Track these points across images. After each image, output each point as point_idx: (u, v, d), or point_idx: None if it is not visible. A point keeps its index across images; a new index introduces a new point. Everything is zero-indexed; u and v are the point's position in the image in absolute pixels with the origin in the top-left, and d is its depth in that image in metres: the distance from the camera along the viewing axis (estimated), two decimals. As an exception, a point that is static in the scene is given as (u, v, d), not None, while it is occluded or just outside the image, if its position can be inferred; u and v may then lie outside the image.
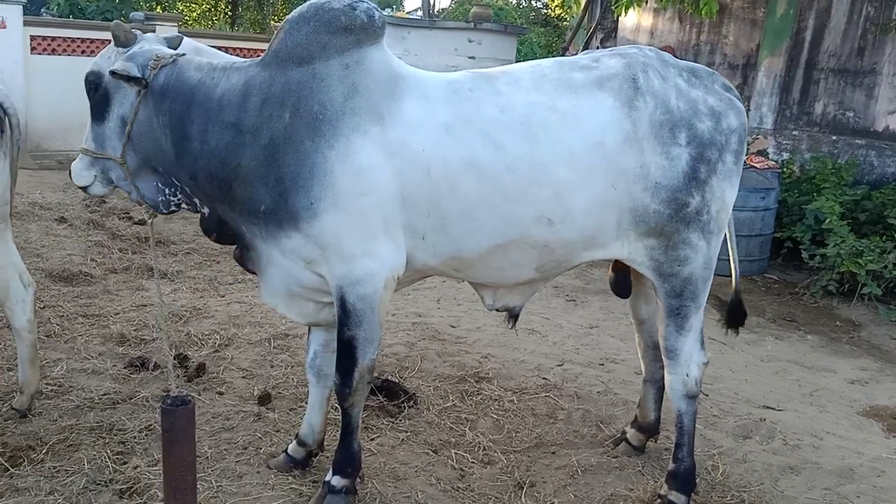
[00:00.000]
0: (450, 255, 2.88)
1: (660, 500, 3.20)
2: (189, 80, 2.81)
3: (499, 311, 3.23)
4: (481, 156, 2.73)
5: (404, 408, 3.89)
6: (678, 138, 2.87)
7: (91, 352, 4.31)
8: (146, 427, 3.49)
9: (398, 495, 3.15)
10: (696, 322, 3.10)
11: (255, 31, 19.30)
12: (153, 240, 3.34)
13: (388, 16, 15.18)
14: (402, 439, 3.60)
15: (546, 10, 20.75)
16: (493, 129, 2.75)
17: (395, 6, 23.97)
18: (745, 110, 3.08)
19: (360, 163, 2.67)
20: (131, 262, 6.09)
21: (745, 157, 3.11)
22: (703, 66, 3.16)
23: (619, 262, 3.20)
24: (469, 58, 11.23)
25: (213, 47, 7.90)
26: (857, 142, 8.17)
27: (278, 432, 3.56)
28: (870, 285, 6.36)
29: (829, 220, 6.78)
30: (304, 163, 2.67)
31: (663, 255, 2.98)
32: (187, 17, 19.61)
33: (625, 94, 2.86)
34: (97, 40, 10.72)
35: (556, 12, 19.01)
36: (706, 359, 3.19)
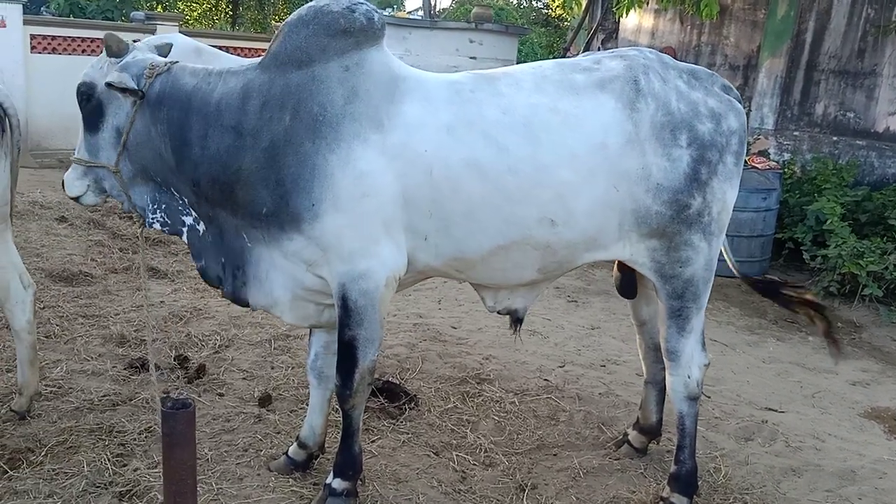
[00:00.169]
0: (452, 255, 2.87)
1: (662, 502, 3.19)
2: (185, 87, 2.80)
3: (501, 313, 3.22)
4: (484, 157, 2.73)
5: (405, 409, 3.88)
6: (679, 140, 2.87)
7: (91, 353, 4.30)
8: (146, 429, 3.48)
9: (399, 498, 3.14)
10: (697, 323, 3.10)
11: (256, 31, 19.30)
12: (143, 248, 3.31)
13: (389, 16, 15.19)
14: (404, 441, 3.59)
15: (547, 11, 20.75)
16: (495, 130, 2.75)
17: (395, 6, 23.96)
18: (745, 112, 3.08)
19: (360, 169, 2.67)
20: (132, 261, 6.08)
21: (745, 158, 3.11)
22: (702, 67, 3.17)
23: (624, 263, 3.20)
24: (470, 58, 11.22)
25: (214, 47, 7.92)
26: (858, 143, 8.16)
27: (279, 434, 3.55)
28: (871, 286, 6.35)
29: (830, 221, 6.78)
30: (304, 164, 2.66)
31: (665, 257, 2.98)
32: (188, 17, 19.61)
33: (626, 96, 2.86)
34: (97, 39, 10.71)
35: (556, 13, 19.01)
36: (707, 360, 3.19)
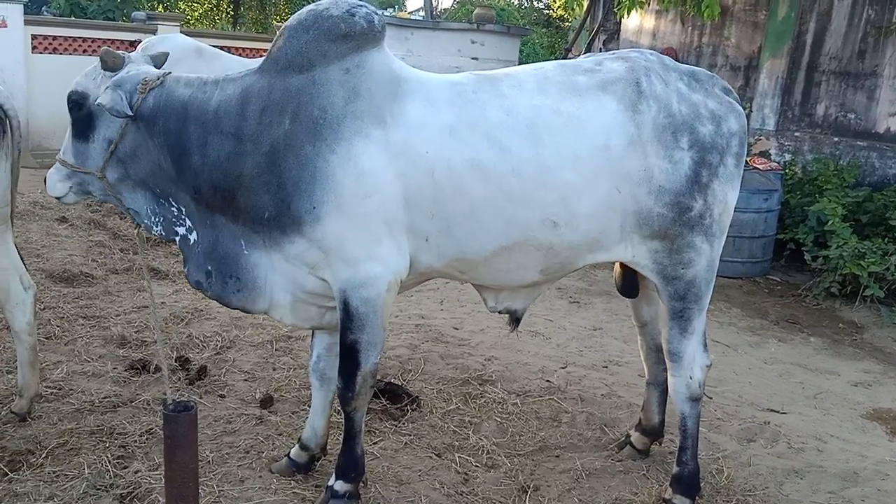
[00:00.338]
0: (454, 256, 2.87)
1: (664, 503, 3.19)
2: (181, 98, 2.79)
3: (501, 313, 3.22)
4: (487, 158, 2.72)
5: (407, 411, 3.87)
6: (680, 142, 2.88)
7: (91, 354, 4.29)
8: (147, 431, 3.47)
9: (401, 499, 3.13)
10: (699, 324, 3.10)
11: (258, 31, 19.31)
12: (142, 249, 3.29)
13: (391, 16, 15.20)
14: (406, 443, 3.58)
15: (548, 12, 20.75)
16: (498, 131, 2.74)
17: (396, 6, 23.95)
18: (744, 113, 3.08)
19: (362, 166, 2.66)
20: (133, 262, 6.07)
21: (747, 159, 3.11)
22: (702, 69, 3.17)
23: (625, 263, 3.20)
24: (472, 59, 11.22)
25: (216, 47, 7.92)
26: (859, 143, 8.16)
27: (281, 436, 3.55)
28: (872, 287, 6.35)
29: (832, 222, 6.78)
30: (305, 167, 2.65)
31: (667, 259, 2.98)
32: (189, 17, 19.59)
33: (628, 98, 2.86)
34: (98, 39, 10.73)
35: (557, 14, 19.00)
36: (709, 361, 3.19)
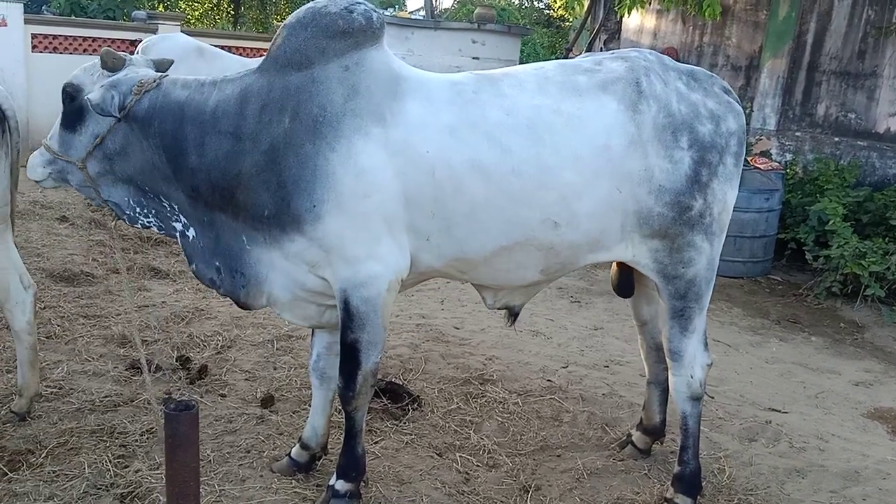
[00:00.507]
0: (454, 256, 2.86)
1: (666, 503, 3.18)
2: (177, 99, 2.80)
3: (499, 309, 3.22)
4: (487, 158, 2.72)
5: (408, 410, 3.86)
6: (680, 141, 2.88)
7: (92, 353, 4.29)
8: (148, 430, 3.46)
9: (402, 499, 3.12)
10: (699, 323, 3.10)
11: (258, 31, 19.31)
12: (118, 243, 3.27)
13: (392, 16, 15.19)
14: (407, 442, 3.58)
15: (548, 12, 20.74)
16: (498, 131, 2.74)
17: (397, 6, 23.96)
18: (743, 113, 3.09)
19: (362, 164, 2.65)
20: (133, 261, 6.05)
21: (744, 159, 3.11)
22: (701, 68, 3.18)
23: (622, 262, 3.19)
24: (473, 58, 11.23)
25: (216, 47, 7.91)
26: (860, 143, 8.16)
27: (281, 435, 3.54)
28: (873, 287, 6.34)
29: (833, 222, 6.78)
30: (305, 166, 2.65)
31: (668, 258, 2.98)
32: (190, 17, 19.58)
33: (628, 98, 2.86)
34: (98, 39, 10.72)
35: (558, 13, 18.99)
36: (710, 360, 3.19)
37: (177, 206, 2.91)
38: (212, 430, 3.53)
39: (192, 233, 2.93)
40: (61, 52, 10.57)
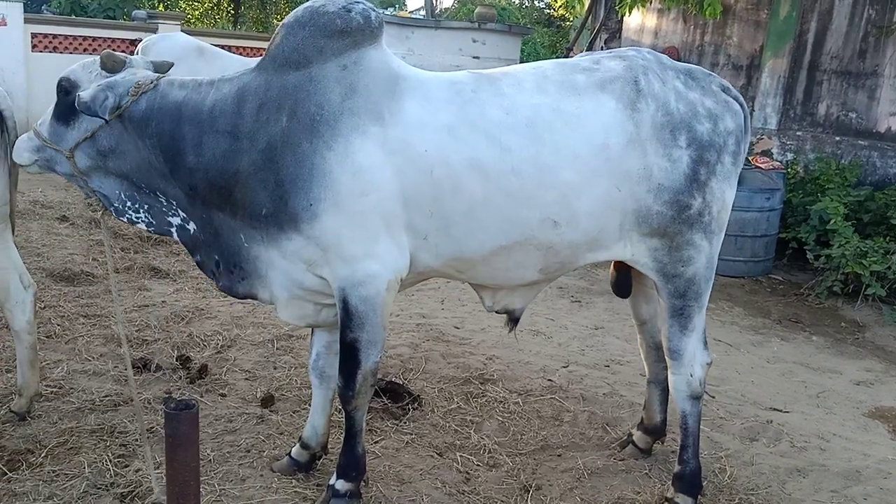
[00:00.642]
0: (452, 255, 2.86)
1: (666, 502, 3.18)
2: (174, 100, 2.79)
3: (498, 312, 3.21)
4: (486, 157, 2.71)
5: (409, 410, 3.86)
6: (679, 140, 2.88)
7: (92, 353, 4.28)
8: (148, 429, 3.46)
9: (403, 499, 3.12)
10: (699, 322, 3.10)
11: (258, 30, 19.33)
12: (106, 234, 3.23)
13: (392, 15, 15.19)
14: (407, 442, 3.57)
15: (549, 11, 20.74)
16: (497, 130, 2.74)
17: (397, 5, 23.96)
18: (741, 111, 3.06)
19: (359, 163, 2.65)
20: (133, 261, 6.06)
21: (743, 158, 3.11)
22: (699, 67, 3.17)
23: (620, 262, 3.19)
24: (473, 58, 11.23)
25: (216, 46, 7.90)
26: (860, 143, 8.15)
27: (282, 435, 3.54)
28: (874, 286, 6.34)
29: (834, 221, 6.78)
30: (302, 164, 2.65)
31: (667, 257, 2.97)
32: (190, 16, 19.60)
33: (627, 97, 2.85)
34: (98, 38, 10.72)
35: (559, 13, 18.99)
36: (710, 359, 3.18)
37: (175, 202, 2.91)
38: (212, 430, 3.53)
39: (192, 226, 2.93)
40: (61, 52, 10.58)
